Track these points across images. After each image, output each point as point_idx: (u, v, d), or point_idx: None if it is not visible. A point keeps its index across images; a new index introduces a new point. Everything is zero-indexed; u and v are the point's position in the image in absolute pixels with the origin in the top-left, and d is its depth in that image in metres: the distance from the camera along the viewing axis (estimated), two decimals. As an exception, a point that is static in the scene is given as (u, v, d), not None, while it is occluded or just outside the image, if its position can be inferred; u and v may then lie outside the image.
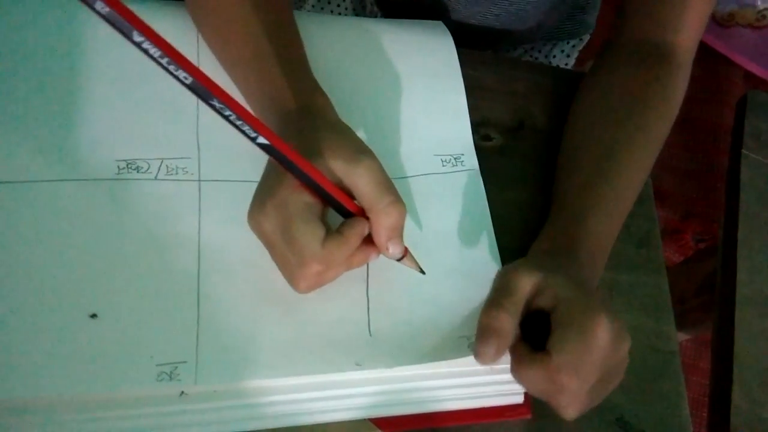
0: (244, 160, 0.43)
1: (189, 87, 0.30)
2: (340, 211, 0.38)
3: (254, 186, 0.42)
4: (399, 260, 0.40)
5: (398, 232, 0.38)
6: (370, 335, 0.40)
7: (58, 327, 0.35)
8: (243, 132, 0.32)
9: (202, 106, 0.45)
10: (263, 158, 0.43)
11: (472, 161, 0.49)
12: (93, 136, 0.42)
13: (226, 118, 0.32)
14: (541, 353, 0.35)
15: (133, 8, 0.28)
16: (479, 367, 0.37)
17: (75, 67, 0.44)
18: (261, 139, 0.33)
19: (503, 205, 0.49)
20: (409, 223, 0.45)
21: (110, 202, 0.40)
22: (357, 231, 0.37)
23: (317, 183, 0.35)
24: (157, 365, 0.35)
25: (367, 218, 0.38)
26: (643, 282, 0.52)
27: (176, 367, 0.35)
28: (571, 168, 0.47)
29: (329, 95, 0.43)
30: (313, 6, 0.71)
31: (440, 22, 0.58)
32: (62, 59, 0.44)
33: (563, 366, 0.34)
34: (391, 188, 0.37)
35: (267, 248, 0.37)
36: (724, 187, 0.64)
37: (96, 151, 0.42)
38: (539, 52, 0.73)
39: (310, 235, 0.35)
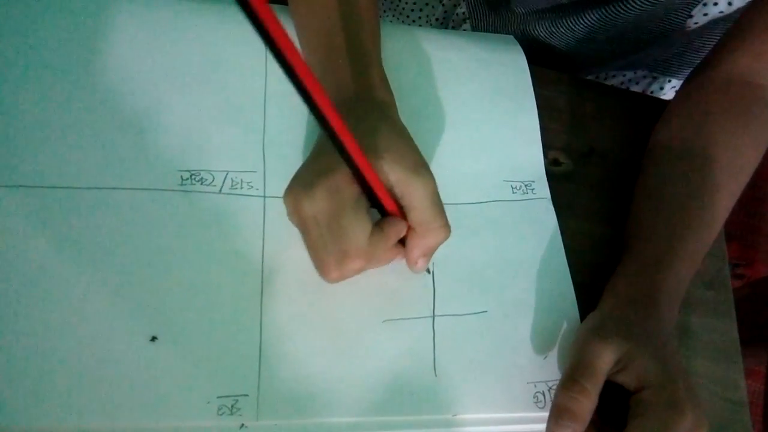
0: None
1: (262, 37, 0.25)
2: (376, 206, 0.36)
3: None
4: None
5: (433, 252, 0.38)
6: (435, 375, 0.38)
7: (120, 348, 0.33)
8: (311, 109, 0.29)
9: (269, 116, 0.43)
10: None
11: (543, 190, 0.47)
12: (155, 143, 0.40)
13: (298, 86, 0.28)
14: None
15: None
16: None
17: (137, 72, 0.42)
18: (326, 123, 0.30)
19: (572, 235, 0.47)
20: (475, 247, 0.43)
21: (172, 215, 0.38)
22: (398, 230, 0.36)
23: (370, 185, 0.33)
24: (218, 397, 0.33)
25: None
26: (712, 326, 0.49)
27: (237, 401, 0.33)
28: (654, 205, 0.45)
29: None
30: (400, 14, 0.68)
31: (511, 37, 0.55)
32: (126, 66, 0.42)
33: None
34: (443, 210, 0.36)
35: (301, 231, 0.35)
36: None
37: (159, 160, 0.39)
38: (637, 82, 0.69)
39: (359, 228, 0.34)
